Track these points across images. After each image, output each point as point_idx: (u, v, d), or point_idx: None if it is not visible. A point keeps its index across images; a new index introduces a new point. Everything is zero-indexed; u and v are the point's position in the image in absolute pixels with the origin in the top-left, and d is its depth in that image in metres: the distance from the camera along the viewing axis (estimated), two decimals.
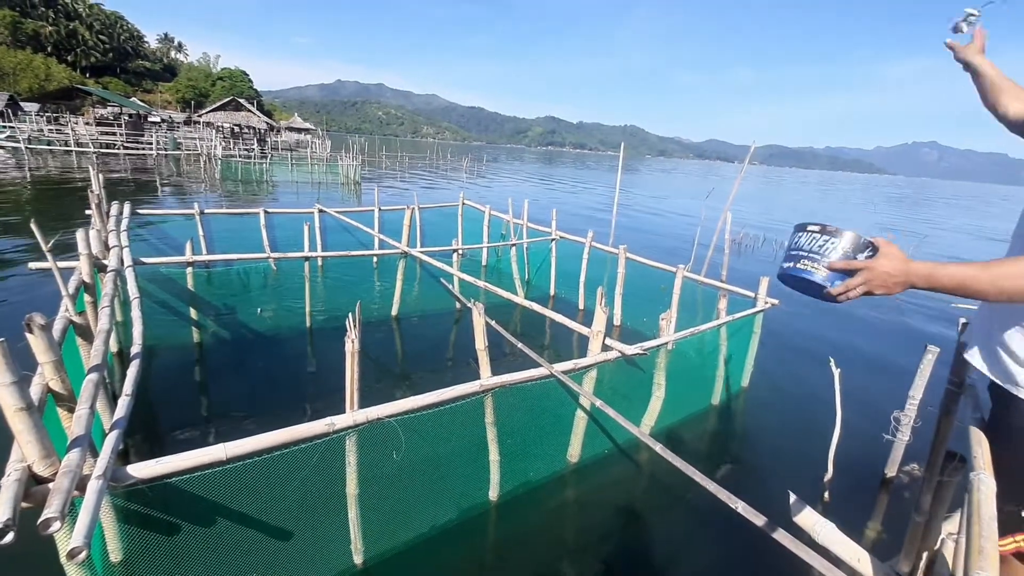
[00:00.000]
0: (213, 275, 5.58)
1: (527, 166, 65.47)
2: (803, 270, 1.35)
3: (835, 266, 1.32)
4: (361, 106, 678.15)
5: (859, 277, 1.30)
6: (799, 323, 8.01)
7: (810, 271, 1.34)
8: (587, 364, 3.48)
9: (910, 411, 3.68)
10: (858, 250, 1.32)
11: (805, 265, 1.35)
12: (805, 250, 1.37)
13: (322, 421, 2.33)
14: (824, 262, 1.33)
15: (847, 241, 1.32)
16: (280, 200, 17.89)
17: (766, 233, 17.59)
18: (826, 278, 1.32)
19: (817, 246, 1.35)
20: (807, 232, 1.38)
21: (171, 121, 48.81)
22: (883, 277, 1.28)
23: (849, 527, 3.36)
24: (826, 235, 1.35)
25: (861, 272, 1.30)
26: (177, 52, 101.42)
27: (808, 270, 1.34)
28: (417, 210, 9.13)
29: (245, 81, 72.36)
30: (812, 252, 1.35)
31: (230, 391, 4.64)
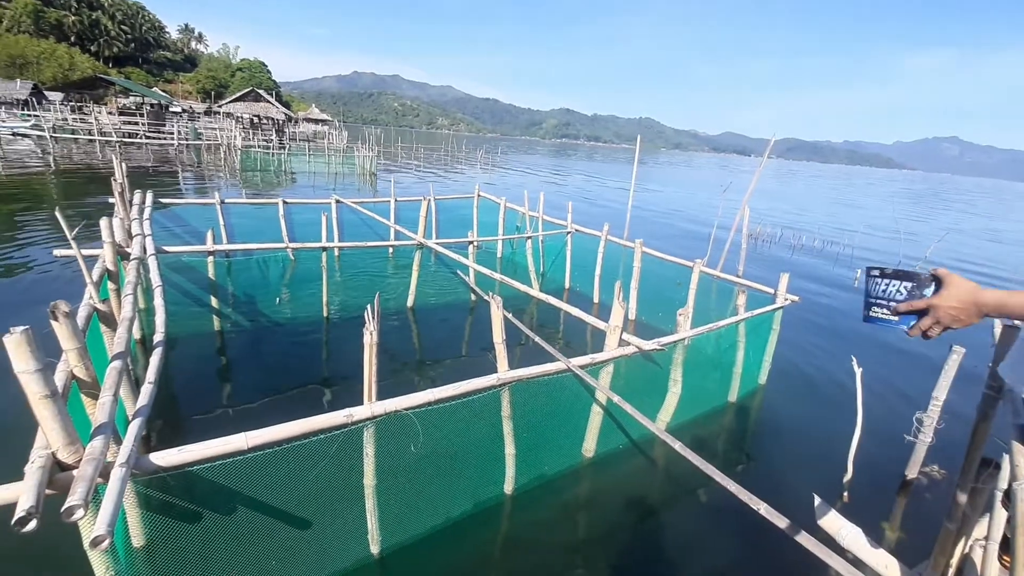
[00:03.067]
0: (233, 264, 5.64)
1: (541, 159, 65.11)
2: (877, 317, 1.38)
3: (899, 310, 1.33)
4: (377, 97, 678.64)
5: (928, 317, 1.29)
6: (820, 320, 7.88)
7: (884, 318, 1.37)
8: (604, 359, 3.45)
9: (933, 412, 3.59)
10: (923, 286, 1.31)
11: (877, 312, 1.38)
12: (874, 296, 1.39)
13: (341, 412, 2.33)
14: (892, 306, 1.35)
15: (908, 281, 1.33)
16: (298, 190, 18.01)
17: (783, 227, 17.30)
18: (900, 321, 1.34)
19: (882, 291, 1.37)
20: (871, 278, 1.40)
21: (192, 111, 49.37)
22: (952, 311, 1.26)
23: (868, 528, 3.31)
24: (886, 278, 1.36)
25: (929, 311, 1.29)
26: (197, 43, 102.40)
27: (882, 317, 1.37)
28: (433, 201, 9.14)
29: (264, 72, 72.86)
30: (880, 298, 1.37)
31: (250, 379, 4.70)
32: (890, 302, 1.35)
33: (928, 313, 1.28)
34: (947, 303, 1.26)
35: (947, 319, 1.27)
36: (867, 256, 13.61)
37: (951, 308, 1.25)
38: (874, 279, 1.39)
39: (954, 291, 1.26)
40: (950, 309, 1.25)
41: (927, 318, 1.29)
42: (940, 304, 1.26)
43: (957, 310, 1.25)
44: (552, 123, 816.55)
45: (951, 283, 1.27)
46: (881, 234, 19.04)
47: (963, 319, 1.26)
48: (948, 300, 1.26)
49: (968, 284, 1.27)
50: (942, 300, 1.26)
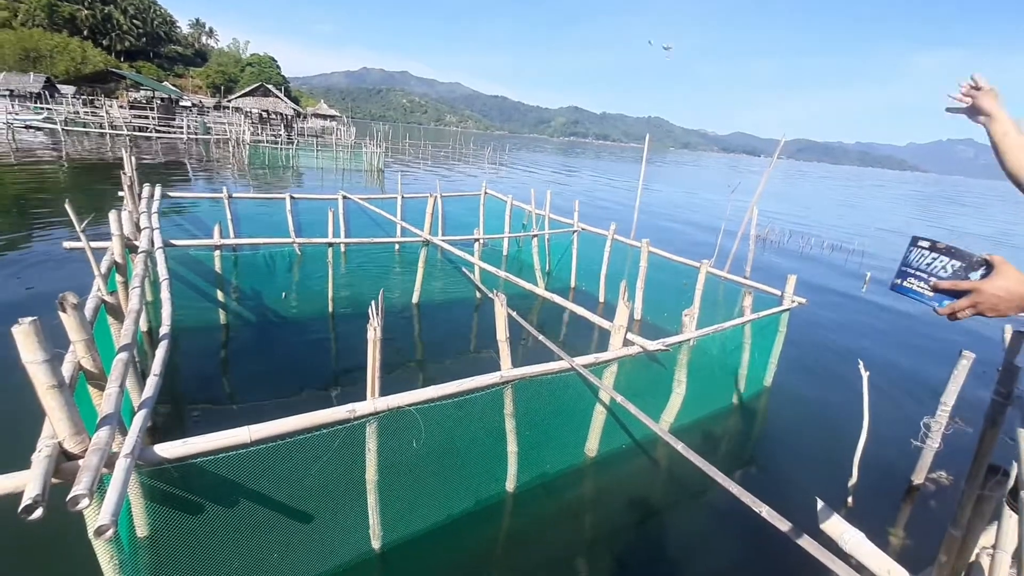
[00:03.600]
0: (240, 258, 5.67)
1: (549, 157, 65.00)
2: (910, 289, 1.32)
3: (940, 287, 1.26)
4: (386, 94, 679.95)
5: (967, 299, 1.22)
6: (828, 322, 7.82)
7: (918, 292, 1.30)
8: (608, 358, 3.44)
9: (941, 418, 3.56)
10: (971, 269, 1.25)
11: (912, 284, 1.32)
12: (915, 268, 1.32)
13: (343, 407, 2.34)
14: (931, 281, 1.28)
15: (958, 260, 1.26)
16: (305, 186, 18.09)
17: (792, 230, 17.18)
18: (933, 298, 1.28)
19: (925, 264, 1.30)
20: (918, 248, 1.33)
21: (201, 106, 49.68)
22: (994, 300, 1.20)
23: (873, 533, 3.28)
24: (935, 252, 1.29)
25: (970, 294, 1.22)
26: (208, 38, 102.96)
27: (915, 289, 1.31)
28: (440, 198, 9.15)
29: (273, 67, 73.17)
30: (919, 271, 1.31)
31: (254, 373, 4.73)
32: (931, 277, 1.29)
33: (968, 295, 1.22)
34: (992, 289, 1.19)
35: (987, 306, 1.21)
36: (875, 262, 13.48)
37: (995, 296, 1.20)
38: (921, 250, 1.32)
39: (1003, 280, 1.19)
40: (993, 296, 1.20)
41: (965, 300, 1.22)
42: (985, 289, 1.20)
43: (1000, 299, 1.20)
44: (560, 121, 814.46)
45: (1003, 271, 1.21)
46: (892, 238, 18.86)
47: (1002, 309, 1.21)
48: (994, 287, 1.19)
49: (1019, 274, 1.21)
50: (988, 285, 1.20)
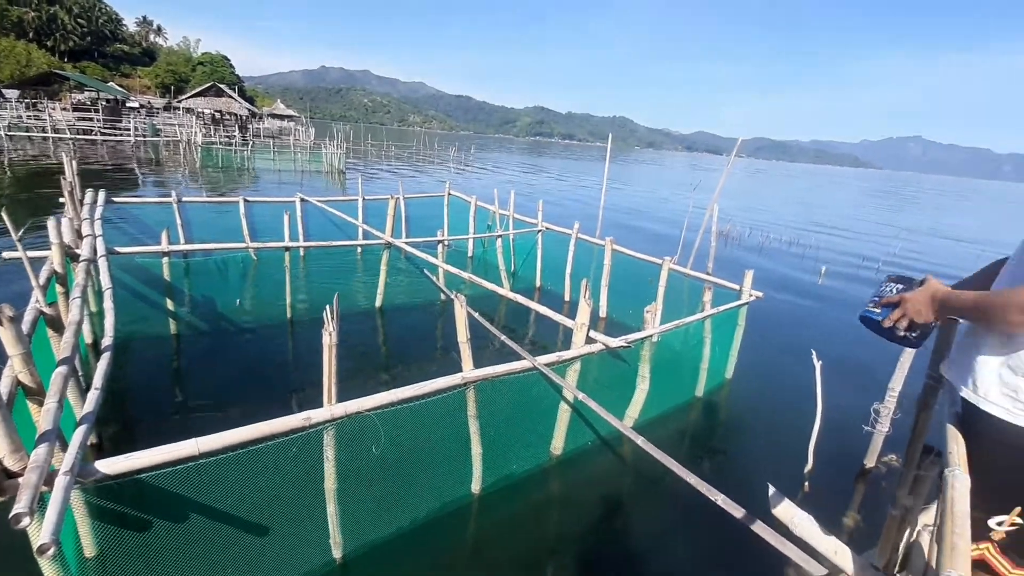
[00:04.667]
0: (191, 265, 5.45)
1: (515, 157, 65.17)
2: (867, 311, 1.63)
3: (882, 302, 1.59)
4: (346, 93, 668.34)
5: (899, 309, 1.53)
6: (783, 316, 8.10)
7: (870, 311, 1.61)
8: (571, 357, 3.46)
9: (889, 403, 3.73)
10: (910, 288, 1.55)
11: (869, 307, 1.62)
12: (875, 295, 1.63)
13: (299, 415, 2.28)
14: (880, 301, 1.60)
15: (901, 283, 1.59)
16: (262, 188, 17.57)
17: (752, 225, 17.74)
18: (880, 313, 1.59)
19: (883, 290, 1.62)
20: (886, 280, 1.65)
21: (150, 107, 47.69)
22: (914, 304, 1.49)
23: (828, 517, 3.40)
24: (887, 282, 1.63)
25: (901, 304, 1.53)
26: (156, 36, 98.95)
27: (870, 310, 1.62)
28: (402, 200, 9.04)
29: (226, 66, 70.78)
30: (876, 296, 1.62)
31: (208, 383, 4.55)
32: (881, 298, 1.59)
33: (899, 305, 1.52)
34: (913, 297, 1.49)
35: (911, 312, 1.49)
36: (830, 256, 14.02)
37: (916, 301, 1.48)
38: (886, 283, 1.63)
39: (923, 288, 1.48)
40: (915, 302, 1.48)
41: (897, 309, 1.52)
42: (908, 298, 1.50)
43: (919, 303, 1.48)
44: (526, 121, 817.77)
45: (926, 284, 1.50)
46: (845, 233, 19.71)
47: (924, 312, 1.48)
48: (915, 295, 1.48)
49: (936, 284, 1.50)
50: (910, 295, 1.50)
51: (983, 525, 1.49)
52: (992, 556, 1.52)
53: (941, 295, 1.45)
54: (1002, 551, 1.51)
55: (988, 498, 1.47)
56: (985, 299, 1.36)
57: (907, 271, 12.04)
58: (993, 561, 1.53)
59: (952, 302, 1.44)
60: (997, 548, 1.51)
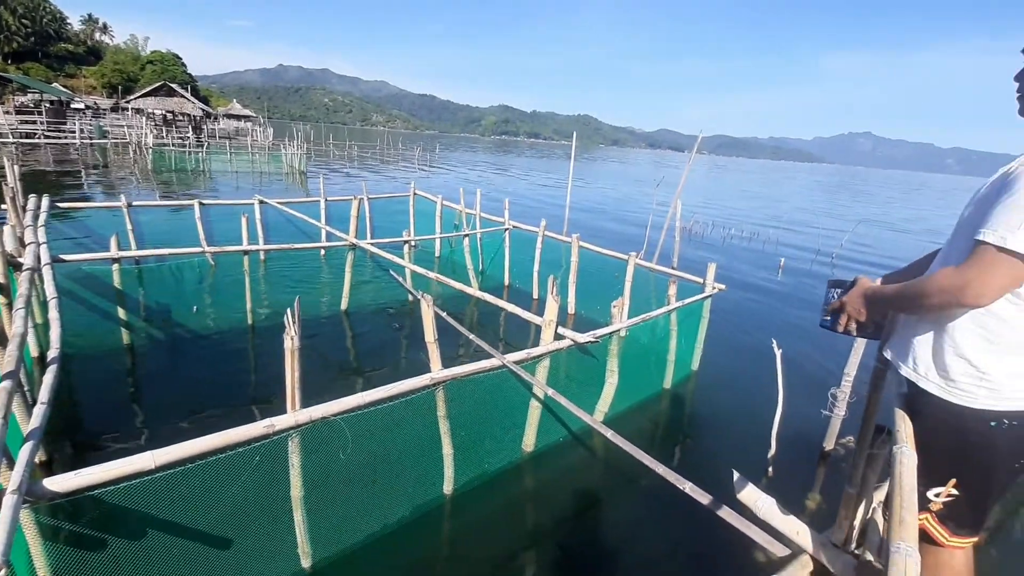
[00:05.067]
0: (144, 271, 5.22)
1: (480, 156, 65.04)
2: (823, 320, 1.78)
3: (829, 310, 1.71)
4: (305, 92, 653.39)
5: (844, 313, 1.65)
6: (745, 307, 8.33)
7: (825, 320, 1.76)
8: (539, 353, 3.47)
9: (845, 387, 3.88)
10: (846, 290, 1.67)
11: (824, 315, 1.77)
12: (824, 303, 1.77)
13: (261, 423, 2.21)
14: (826, 308, 1.74)
15: (839, 288, 1.72)
16: (218, 191, 17.00)
17: (715, 220, 18.21)
18: (831, 320, 1.73)
19: (828, 298, 1.75)
20: (828, 288, 1.79)
21: (96, 108, 45.50)
22: (852, 304, 1.61)
23: (791, 499, 3.52)
24: (831, 288, 1.76)
25: (843, 308, 1.65)
26: (102, 34, 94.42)
27: (825, 318, 1.77)
28: (366, 200, 8.90)
29: (178, 65, 68.12)
30: (825, 304, 1.76)
31: (166, 395, 4.37)
32: (827, 306, 1.73)
33: (844, 309, 1.64)
34: (850, 299, 1.60)
35: (853, 313, 1.60)
36: (788, 249, 14.52)
37: (852, 302, 1.60)
38: (828, 290, 1.76)
39: (855, 288, 1.60)
40: (852, 303, 1.60)
41: (844, 313, 1.64)
42: (847, 301, 1.61)
43: (856, 303, 1.59)
44: (491, 120, 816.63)
45: (857, 283, 1.61)
46: (801, 227, 20.44)
47: (862, 311, 1.60)
48: (850, 296, 1.60)
49: (865, 283, 1.61)
50: (847, 297, 1.61)
51: (923, 497, 1.59)
52: (931, 526, 1.62)
53: (871, 291, 1.57)
54: (940, 521, 1.61)
55: (927, 472, 1.57)
56: (904, 290, 1.46)
57: (857, 263, 12.59)
58: (932, 530, 1.63)
59: (877, 297, 1.56)
60: (936, 518, 1.61)
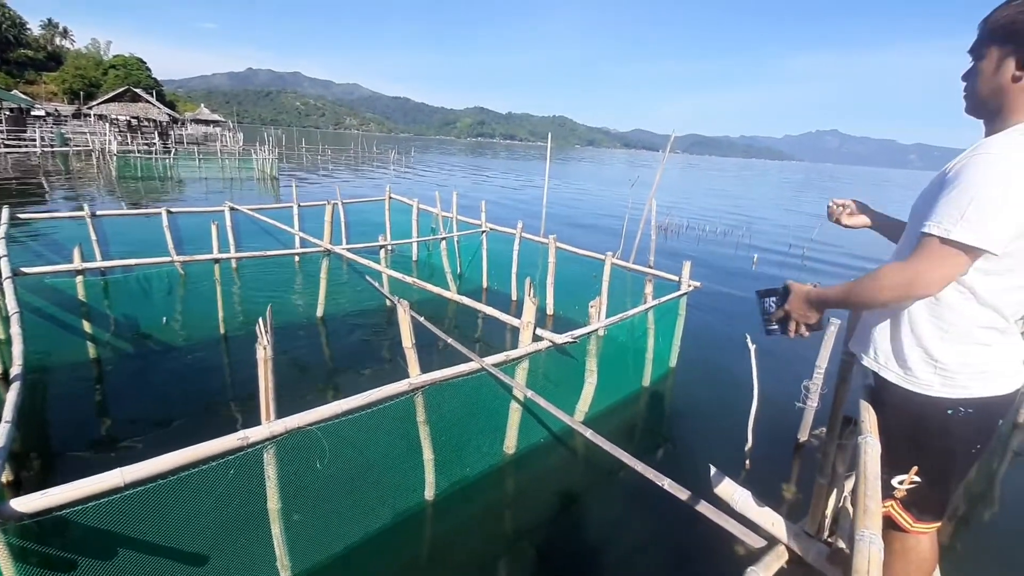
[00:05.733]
0: (110, 283, 5.05)
1: (456, 158, 64.86)
2: (769, 330, 1.74)
3: (773, 319, 1.70)
4: (276, 96, 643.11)
5: (792, 321, 1.64)
6: (720, 303, 8.48)
7: (771, 328, 1.73)
8: (518, 355, 3.48)
9: (817, 379, 3.98)
10: (782, 297, 1.67)
11: (769, 325, 1.74)
12: (762, 313, 1.75)
13: (234, 436, 2.16)
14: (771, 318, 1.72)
15: (773, 295, 1.71)
16: (187, 199, 16.60)
17: (690, 218, 18.50)
18: (779, 329, 1.71)
19: (765, 307, 1.73)
20: (759, 298, 1.77)
21: (58, 115, 43.94)
22: (797, 311, 1.61)
23: (767, 491, 3.59)
24: (765, 297, 1.74)
25: (788, 316, 1.64)
26: (63, 39, 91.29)
27: (771, 328, 1.73)
28: (340, 205, 8.80)
29: (142, 69, 66.15)
30: (765, 313, 1.74)
31: (137, 409, 4.24)
32: (769, 314, 1.71)
33: (790, 318, 1.63)
34: (792, 305, 1.60)
35: (800, 318, 1.60)
36: (761, 244, 14.84)
37: (795, 309, 1.60)
38: (760, 299, 1.74)
39: (794, 295, 1.60)
40: (795, 310, 1.60)
41: (791, 322, 1.63)
42: (790, 309, 1.61)
43: (800, 308, 1.59)
44: (467, 122, 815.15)
45: (792, 289, 1.62)
46: (772, 223, 20.92)
47: (808, 315, 1.59)
48: (792, 303, 1.60)
49: (801, 287, 1.62)
50: (790, 304, 1.61)
51: (888, 484, 1.65)
52: (896, 512, 1.69)
53: (814, 296, 1.57)
54: (904, 507, 1.68)
55: (890, 460, 1.63)
56: (852, 288, 1.48)
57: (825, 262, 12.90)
58: (898, 517, 1.69)
59: (827, 300, 1.57)
60: (900, 505, 1.68)
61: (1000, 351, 1.47)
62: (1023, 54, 1.35)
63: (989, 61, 1.43)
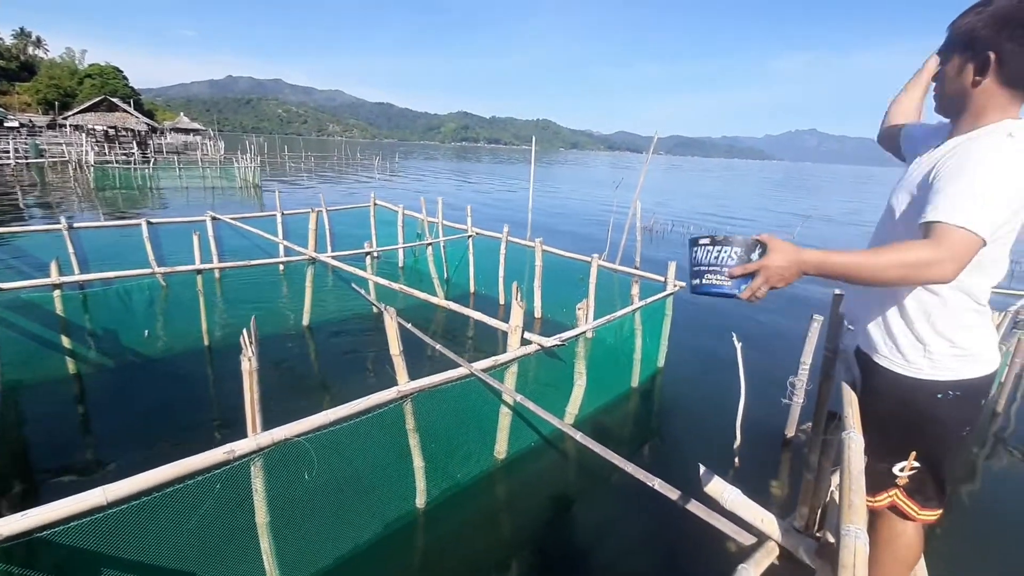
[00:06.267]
0: (89, 297, 4.95)
1: (441, 163, 64.78)
2: (711, 284, 1.42)
3: (735, 273, 1.39)
4: (257, 103, 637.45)
5: (759, 278, 1.37)
6: (705, 302, 8.55)
7: (718, 284, 1.41)
8: (507, 360, 3.47)
9: (802, 375, 4.03)
10: (750, 251, 1.38)
11: (711, 279, 1.41)
12: (705, 264, 1.42)
13: (220, 449, 2.12)
14: (725, 271, 1.39)
15: (738, 247, 1.38)
16: (168, 209, 16.35)
17: (675, 218, 18.67)
18: (732, 286, 1.39)
19: (714, 258, 1.40)
20: (701, 246, 1.43)
21: (32, 125, 43.15)
22: (778, 271, 1.36)
23: (757, 487, 3.63)
24: (718, 246, 1.40)
25: (759, 272, 1.37)
26: (36, 48, 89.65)
27: (716, 284, 1.41)
28: (325, 213, 8.73)
29: (119, 78, 65.22)
30: (712, 265, 1.41)
31: (119, 425, 4.15)
32: (723, 268, 1.39)
33: (758, 274, 1.37)
34: (775, 263, 1.36)
35: (776, 278, 1.37)
36: None
37: (778, 268, 1.36)
38: (704, 247, 1.42)
39: (780, 253, 1.37)
40: (778, 269, 1.36)
41: (758, 279, 1.37)
42: (769, 265, 1.36)
43: (783, 269, 1.36)
44: (451, 126, 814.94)
45: (776, 246, 1.38)
46: (755, 223, 21.19)
47: (787, 277, 1.38)
48: (776, 260, 1.36)
49: (790, 245, 1.39)
50: (771, 261, 1.36)
51: (890, 474, 1.67)
52: (901, 501, 1.70)
53: (813, 260, 1.38)
54: (909, 495, 1.69)
55: (888, 448, 1.65)
56: (867, 260, 1.36)
57: None
58: (903, 505, 1.71)
59: (828, 268, 1.39)
60: (904, 493, 1.69)
61: (980, 333, 1.54)
62: (981, 60, 1.42)
63: (953, 65, 1.52)
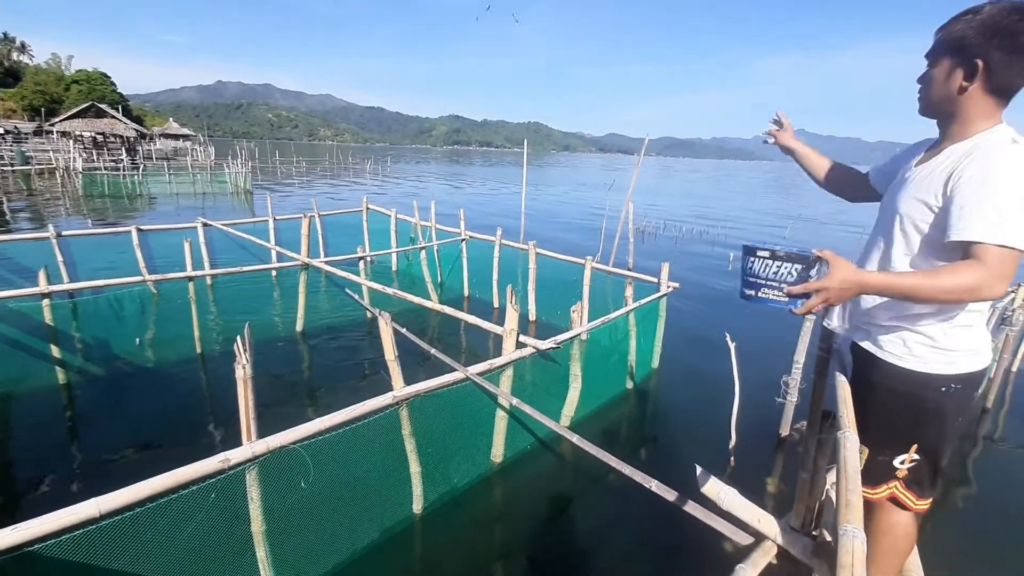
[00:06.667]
0: (79, 306, 4.90)
1: (433, 167, 64.74)
2: (767, 298, 1.42)
3: (794, 292, 1.39)
4: (247, 108, 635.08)
5: (818, 298, 1.37)
6: (700, 303, 8.60)
7: (775, 300, 1.41)
8: (502, 363, 3.47)
9: (796, 375, 4.06)
10: (810, 268, 1.37)
11: (767, 294, 1.42)
12: (764, 277, 1.41)
13: (215, 458, 2.11)
14: (784, 288, 1.39)
15: (799, 263, 1.37)
16: (158, 216, 16.23)
17: (666, 220, 18.76)
18: (788, 303, 1.40)
19: (773, 273, 1.40)
20: (759, 258, 1.42)
21: (17, 132, 42.66)
22: (839, 293, 1.36)
23: (753, 487, 3.65)
24: (778, 261, 1.39)
25: (819, 292, 1.36)
26: (20, 54, 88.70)
27: (772, 299, 1.41)
28: (317, 218, 8.71)
29: (106, 84, 64.66)
30: (770, 280, 1.40)
31: (111, 435, 4.10)
32: (782, 284, 1.39)
33: (818, 294, 1.36)
34: (837, 284, 1.34)
35: (834, 298, 1.36)
36: (735, 244, 15.10)
37: (840, 289, 1.35)
38: (763, 260, 1.41)
39: (840, 273, 1.35)
40: (838, 290, 1.35)
41: (816, 298, 1.36)
42: (831, 286, 1.34)
43: (844, 290, 1.35)
44: (443, 130, 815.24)
45: (838, 264, 1.36)
46: (746, 223, 21.34)
47: (845, 297, 1.38)
48: (836, 282, 1.34)
49: (851, 265, 1.39)
50: (832, 282, 1.34)
51: (891, 467, 1.71)
52: (900, 492, 1.75)
53: (877, 283, 1.37)
54: (907, 487, 1.74)
55: (891, 441, 1.69)
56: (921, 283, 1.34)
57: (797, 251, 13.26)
58: (902, 497, 1.75)
59: (890, 292, 1.38)
60: (903, 485, 1.74)
61: (979, 329, 1.60)
62: (970, 67, 1.45)
63: (941, 70, 1.53)
